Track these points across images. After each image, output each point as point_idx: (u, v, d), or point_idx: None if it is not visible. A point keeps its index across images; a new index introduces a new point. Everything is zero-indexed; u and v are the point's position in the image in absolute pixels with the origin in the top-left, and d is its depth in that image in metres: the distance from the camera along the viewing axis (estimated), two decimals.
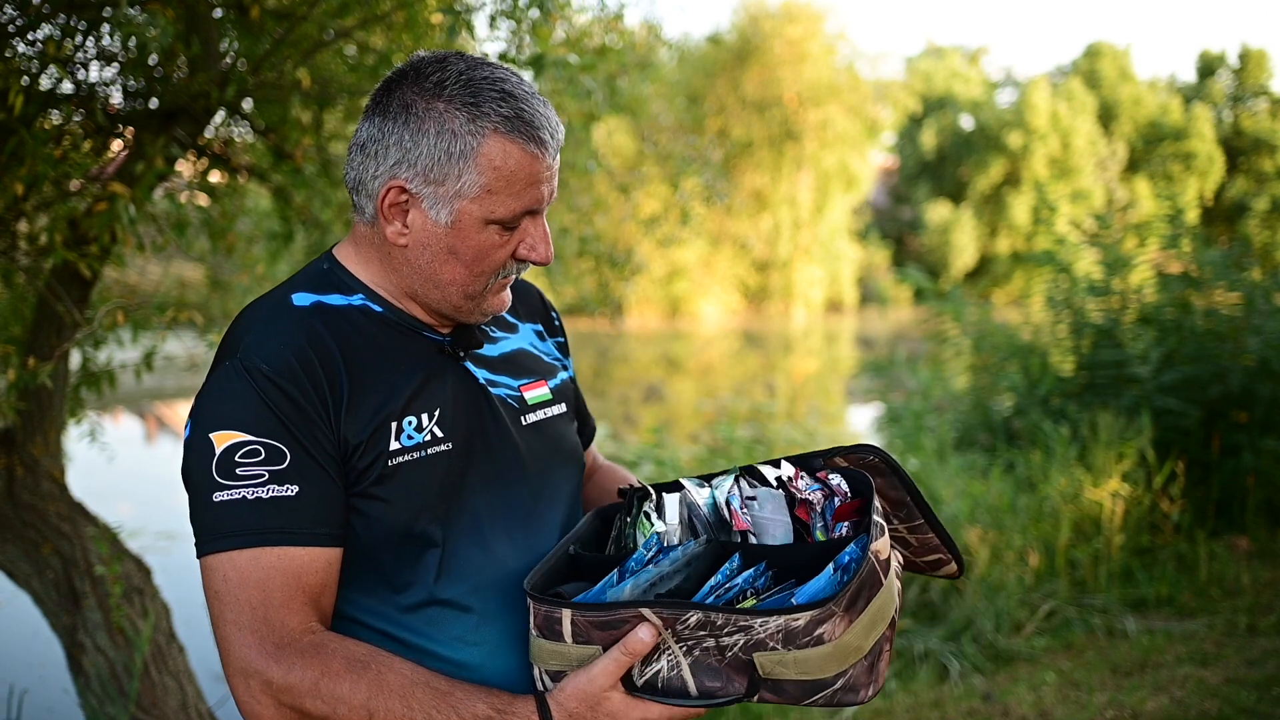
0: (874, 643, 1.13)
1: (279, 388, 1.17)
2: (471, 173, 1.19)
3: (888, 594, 1.17)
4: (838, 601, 1.08)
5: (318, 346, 1.22)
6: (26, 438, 2.88)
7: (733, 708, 3.81)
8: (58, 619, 2.91)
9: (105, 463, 3.59)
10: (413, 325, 1.31)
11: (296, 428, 1.17)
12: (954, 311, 7.07)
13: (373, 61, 3.25)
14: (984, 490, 4.94)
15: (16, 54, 2.50)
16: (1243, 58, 35.43)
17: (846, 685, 1.10)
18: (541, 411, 1.40)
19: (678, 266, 25.06)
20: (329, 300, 1.28)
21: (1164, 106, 34.55)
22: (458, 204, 1.21)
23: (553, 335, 1.51)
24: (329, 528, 1.18)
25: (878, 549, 1.17)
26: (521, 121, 1.19)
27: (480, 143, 1.18)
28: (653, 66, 5.11)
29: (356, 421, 1.22)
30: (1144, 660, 3.96)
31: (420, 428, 1.26)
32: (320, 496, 1.17)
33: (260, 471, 1.15)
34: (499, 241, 1.24)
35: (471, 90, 1.19)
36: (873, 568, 1.14)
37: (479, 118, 1.18)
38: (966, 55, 38.61)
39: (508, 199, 1.21)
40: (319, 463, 1.18)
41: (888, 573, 1.19)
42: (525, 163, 1.20)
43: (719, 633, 1.10)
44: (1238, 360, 5.45)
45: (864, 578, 1.12)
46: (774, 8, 28.43)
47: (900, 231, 35.61)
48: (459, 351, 1.33)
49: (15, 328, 3.05)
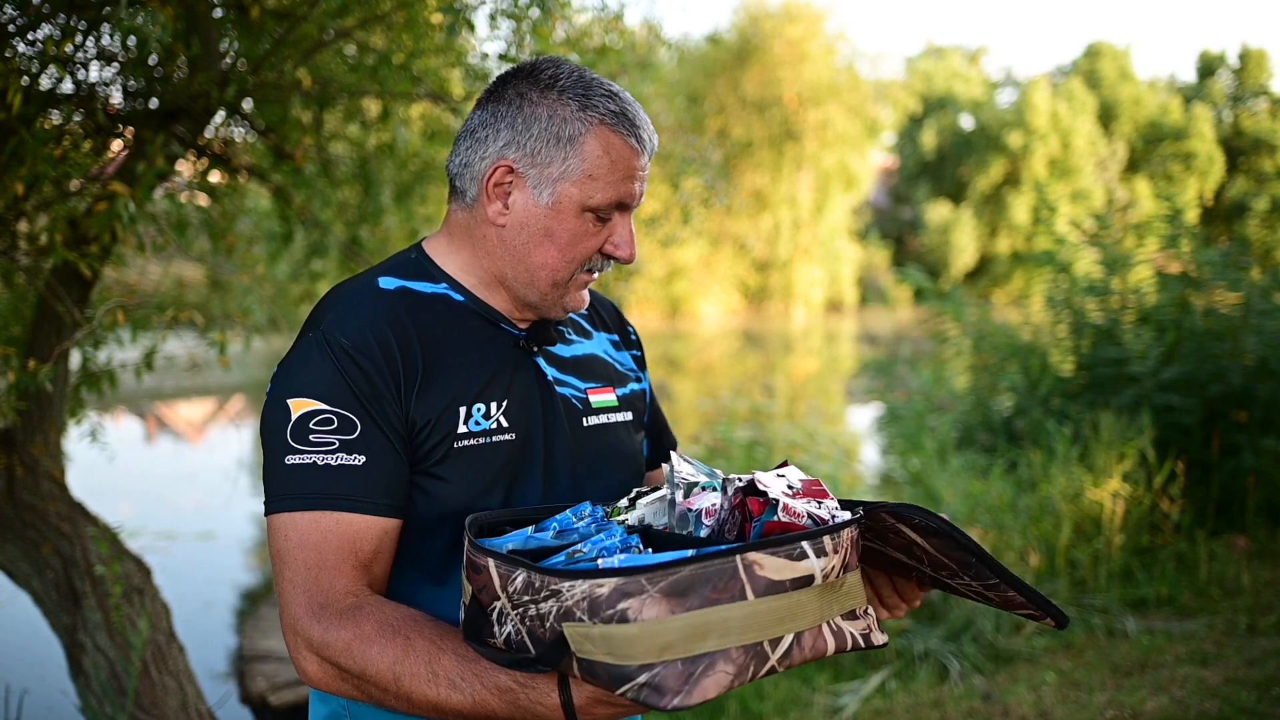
0: (701, 652, 1.01)
1: (355, 362, 1.24)
2: (576, 157, 1.28)
3: (754, 618, 1.03)
4: (653, 579, 0.99)
5: (397, 327, 1.28)
6: (26, 438, 2.88)
7: (733, 707, 3.81)
8: (58, 619, 2.91)
9: (105, 463, 3.59)
10: (492, 316, 1.37)
11: (368, 401, 1.23)
12: (954, 311, 7.07)
13: (373, 61, 3.25)
14: (984, 490, 4.94)
15: (16, 54, 2.50)
16: (1243, 58, 35.45)
17: (651, 683, 1.00)
18: (605, 416, 1.44)
19: (678, 266, 25.08)
20: (414, 286, 1.35)
21: (1164, 106, 34.58)
22: (560, 186, 1.28)
23: (629, 348, 1.56)
24: (389, 499, 1.23)
25: (765, 564, 1.04)
26: (625, 118, 1.28)
27: (587, 130, 1.28)
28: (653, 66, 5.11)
29: (426, 402, 1.27)
30: (1144, 660, 3.96)
31: (488, 415, 1.31)
32: (385, 468, 1.23)
33: (331, 439, 1.21)
34: (591, 230, 1.31)
35: (583, 86, 1.29)
36: (733, 576, 1.02)
37: (588, 109, 1.28)
38: (966, 55, 38.63)
39: (605, 187, 1.28)
40: (387, 436, 1.24)
41: (760, 594, 1.03)
42: (625, 155, 1.28)
43: (537, 597, 1.04)
44: (1237, 360, 5.45)
45: (709, 575, 1.01)
46: (774, 8, 28.45)
47: (900, 231, 35.63)
48: (533, 346, 1.39)
49: (15, 328, 3.05)
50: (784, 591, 1.05)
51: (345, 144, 3.86)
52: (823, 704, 3.84)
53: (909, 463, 5.79)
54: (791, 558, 1.05)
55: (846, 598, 1.12)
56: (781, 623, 1.05)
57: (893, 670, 4.08)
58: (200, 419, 12.48)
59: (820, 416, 11.53)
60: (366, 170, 3.68)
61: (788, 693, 3.96)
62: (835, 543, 1.09)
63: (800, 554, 1.06)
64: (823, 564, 1.08)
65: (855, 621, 1.14)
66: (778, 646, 1.05)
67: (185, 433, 11.63)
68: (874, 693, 3.92)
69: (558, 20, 3.32)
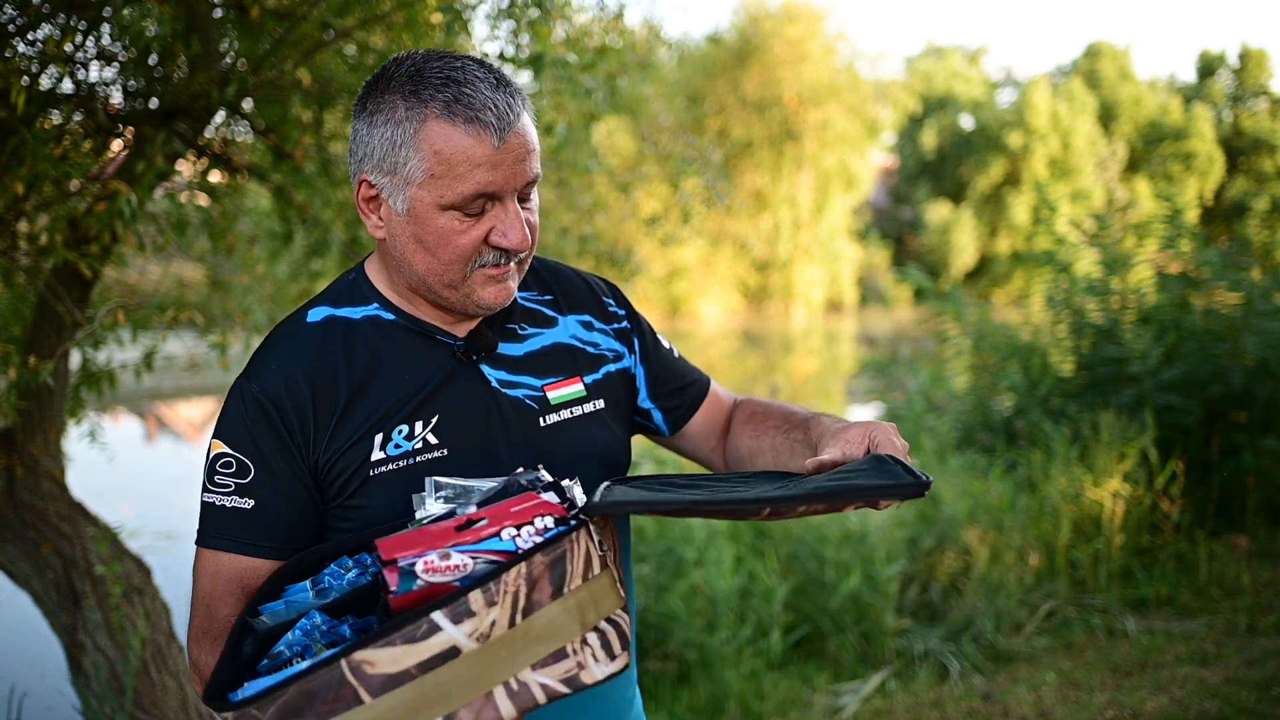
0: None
1: (262, 410, 1.26)
2: (414, 159, 1.21)
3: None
4: (262, 707, 0.95)
5: (318, 366, 1.29)
6: (26, 438, 2.88)
7: (733, 708, 3.81)
8: (58, 619, 2.91)
9: (105, 463, 3.59)
10: (425, 329, 1.33)
11: (267, 448, 1.26)
12: (954, 311, 7.07)
13: (373, 61, 3.25)
14: (984, 490, 4.94)
15: (16, 54, 2.49)
16: (1243, 58, 35.43)
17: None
18: (568, 411, 1.38)
19: (678, 266, 25.06)
20: (341, 313, 1.34)
21: (1164, 106, 34.55)
22: (409, 191, 1.23)
23: (608, 321, 1.48)
24: (271, 542, 1.26)
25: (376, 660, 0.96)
26: (459, 104, 1.19)
27: (420, 128, 1.20)
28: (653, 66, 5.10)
29: (341, 438, 1.27)
30: (1144, 660, 3.96)
31: (411, 436, 1.28)
32: (274, 512, 1.26)
33: (229, 483, 1.26)
34: (460, 227, 1.23)
35: (415, 80, 1.21)
36: (341, 684, 0.95)
37: (417, 104, 1.20)
38: (966, 55, 38.60)
39: (452, 182, 1.20)
40: (280, 482, 1.26)
41: (379, 692, 0.96)
42: (466, 145, 1.19)
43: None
44: (1237, 360, 5.45)
45: (315, 690, 0.95)
46: (774, 8, 28.43)
47: (900, 231, 35.61)
48: (472, 354, 1.34)
49: (15, 328, 3.05)
50: (412, 680, 0.96)
51: (345, 144, 3.86)
52: (823, 704, 3.84)
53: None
54: (413, 640, 0.96)
55: (536, 642, 1.00)
56: (417, 713, 0.96)
57: (893, 670, 4.08)
58: (200, 419, 12.48)
59: None
60: None
61: (788, 692, 3.96)
62: (491, 595, 0.98)
63: (428, 631, 0.97)
64: (470, 627, 0.97)
65: (554, 666, 1.01)
66: None
67: (185, 433, 11.63)
68: (874, 693, 3.92)
69: (557, 20, 3.32)
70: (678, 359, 1.56)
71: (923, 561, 4.71)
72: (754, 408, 1.54)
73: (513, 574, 1.00)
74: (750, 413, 1.53)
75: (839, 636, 4.26)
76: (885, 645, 4.20)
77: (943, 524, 4.76)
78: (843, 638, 4.25)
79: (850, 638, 4.24)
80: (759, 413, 1.52)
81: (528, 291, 1.45)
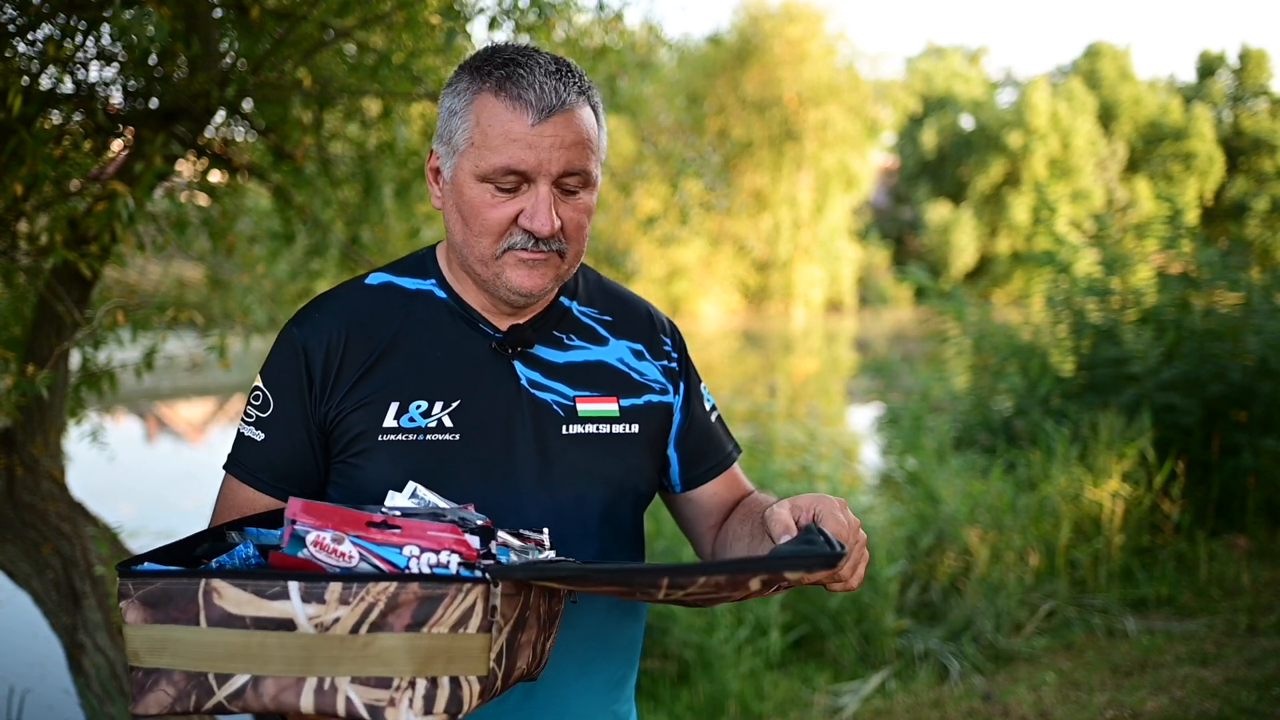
0: (155, 666, 1.03)
1: (295, 353, 1.33)
2: (463, 128, 1.26)
3: (199, 647, 1.01)
4: (137, 585, 1.03)
5: (360, 323, 1.34)
6: (26, 438, 2.88)
7: (733, 707, 3.81)
8: (58, 619, 2.90)
9: (105, 463, 3.59)
10: (471, 316, 1.36)
11: (289, 389, 1.32)
12: (954, 311, 7.07)
13: (373, 61, 3.25)
14: (984, 490, 4.94)
15: (16, 54, 2.49)
16: (1243, 58, 35.45)
17: (129, 682, 1.07)
18: (594, 426, 1.36)
19: (678, 266, 25.06)
20: (400, 282, 1.39)
21: (1164, 106, 34.57)
22: (457, 159, 1.28)
23: (657, 358, 1.45)
24: (271, 478, 1.32)
25: (225, 594, 1.00)
26: (509, 81, 1.24)
27: (472, 100, 1.26)
28: (653, 66, 5.10)
29: (357, 395, 1.31)
30: (1144, 660, 3.96)
31: (428, 413, 1.30)
32: (278, 449, 1.32)
33: (253, 414, 1.34)
34: (491, 201, 1.26)
35: (484, 58, 1.28)
36: (191, 599, 1.01)
37: (476, 80, 1.26)
38: (966, 55, 38.62)
39: (487, 153, 1.24)
40: (291, 423, 1.32)
41: (214, 624, 1.01)
42: (505, 119, 1.23)
43: None
44: (1237, 360, 5.45)
45: (174, 592, 1.02)
46: (774, 8, 28.45)
47: (900, 231, 35.63)
48: (508, 349, 1.35)
49: (15, 328, 3.05)
50: (242, 628, 1.00)
51: (345, 144, 3.86)
52: (823, 704, 3.84)
53: (908, 463, 5.79)
54: (263, 595, 1.00)
55: (367, 659, 1.00)
56: (232, 659, 1.00)
57: (893, 670, 4.08)
58: (200, 419, 12.48)
59: (820, 416, 11.52)
60: (367, 170, 3.68)
61: (788, 692, 3.96)
62: (349, 593, 0.99)
63: (278, 593, 0.99)
64: (314, 610, 0.99)
65: (370, 689, 1.00)
66: (226, 684, 1.01)
67: (185, 433, 11.63)
68: (874, 693, 3.92)
69: (557, 21, 3.32)
70: (716, 420, 1.52)
71: (923, 561, 4.71)
72: (752, 498, 1.49)
73: (379, 587, 0.99)
74: (747, 502, 1.48)
75: (839, 636, 4.26)
76: (885, 645, 4.20)
77: (942, 524, 4.76)
78: (842, 637, 4.25)
79: (850, 637, 4.24)
80: (751, 502, 1.47)
81: (590, 307, 1.44)
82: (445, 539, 1.07)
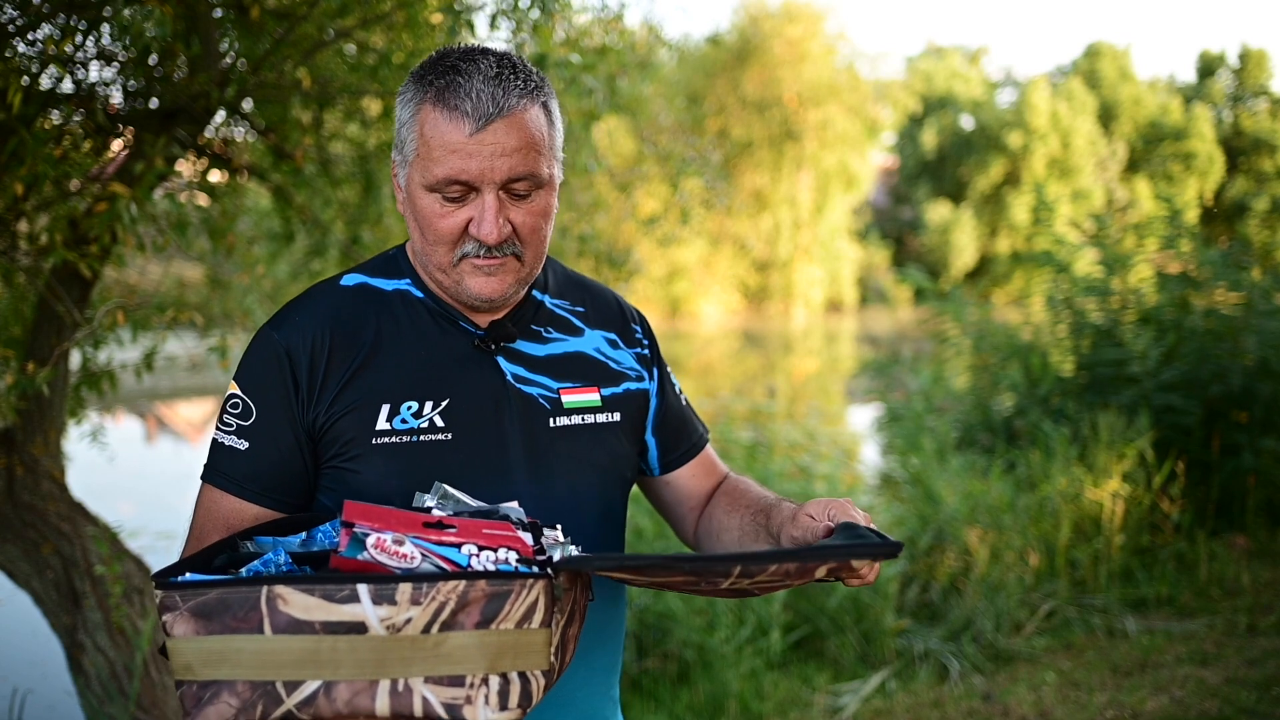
0: (213, 679, 1.00)
1: (277, 358, 1.30)
2: (410, 139, 1.27)
3: (266, 655, 0.99)
4: (185, 597, 0.99)
5: (336, 326, 1.32)
6: (26, 438, 2.88)
7: (733, 707, 3.81)
8: (58, 619, 2.91)
9: (105, 463, 3.59)
10: (450, 314, 1.36)
11: (273, 395, 1.29)
12: (954, 311, 7.07)
13: (373, 61, 3.25)
14: (984, 490, 4.94)
15: (16, 54, 2.49)
16: (1243, 58, 35.43)
17: (181, 697, 1.01)
18: (580, 417, 1.39)
19: (678, 266, 25.06)
20: (375, 283, 1.38)
21: (1164, 106, 34.55)
22: (407, 170, 1.29)
23: (631, 346, 1.49)
24: (258, 488, 1.29)
25: (291, 600, 0.98)
26: (448, 91, 1.24)
27: (417, 110, 1.27)
28: (653, 66, 5.10)
29: (346, 399, 1.30)
30: (1144, 660, 3.96)
31: (419, 414, 1.30)
32: (262, 458, 1.29)
33: (233, 422, 1.31)
34: (440, 211, 1.27)
35: (428, 67, 1.28)
36: (253, 607, 0.98)
37: (420, 90, 1.27)
38: (966, 55, 38.61)
39: (430, 164, 1.25)
40: (277, 430, 1.29)
41: (280, 630, 0.98)
42: (445, 130, 1.24)
43: None
44: (1237, 360, 5.45)
45: (231, 601, 0.99)
46: (774, 8, 28.44)
47: (900, 231, 35.62)
48: (490, 345, 1.36)
49: (15, 328, 3.05)
50: (311, 633, 0.98)
51: (345, 144, 3.86)
52: (823, 704, 3.84)
53: (908, 463, 5.79)
54: (331, 599, 0.98)
55: (440, 659, 1.00)
56: (301, 666, 0.99)
57: (893, 670, 4.08)
58: (200, 419, 12.48)
59: (820, 417, 11.52)
60: (366, 170, 3.68)
61: (788, 692, 3.96)
62: (419, 594, 0.98)
63: (347, 597, 0.98)
64: (386, 613, 0.98)
65: (445, 688, 1.00)
66: (296, 691, 0.99)
67: (185, 433, 11.63)
68: (874, 693, 3.92)
69: (558, 21, 3.32)
70: (686, 405, 1.57)
71: (923, 561, 4.71)
72: (733, 485, 1.54)
73: (449, 585, 0.99)
74: (729, 489, 1.53)
75: (839, 636, 4.26)
76: (885, 645, 4.20)
77: (943, 523, 4.76)
78: (843, 637, 4.25)
79: (850, 637, 4.24)
80: (736, 490, 1.51)
81: (561, 299, 1.46)
82: (501, 536, 1.08)
